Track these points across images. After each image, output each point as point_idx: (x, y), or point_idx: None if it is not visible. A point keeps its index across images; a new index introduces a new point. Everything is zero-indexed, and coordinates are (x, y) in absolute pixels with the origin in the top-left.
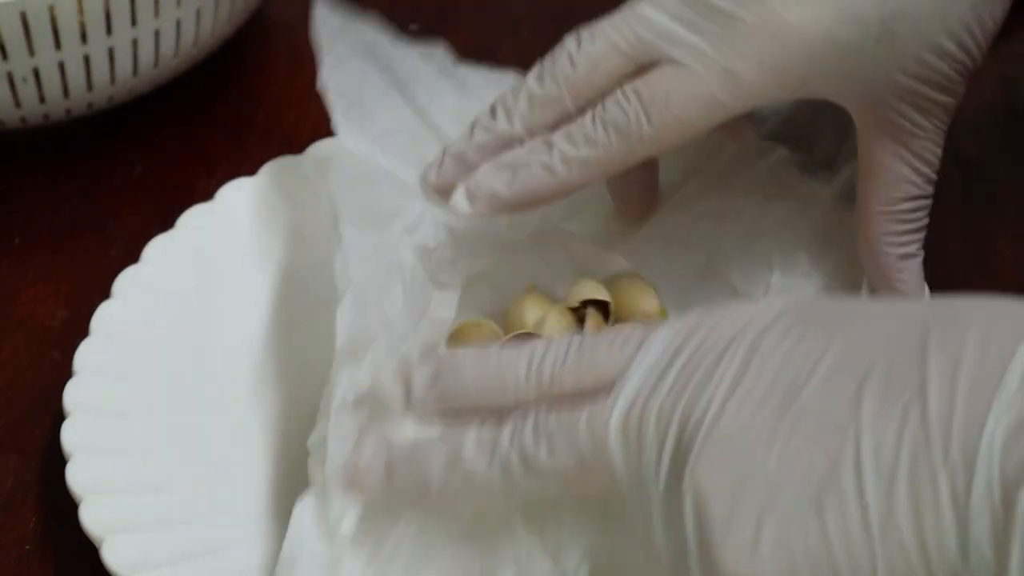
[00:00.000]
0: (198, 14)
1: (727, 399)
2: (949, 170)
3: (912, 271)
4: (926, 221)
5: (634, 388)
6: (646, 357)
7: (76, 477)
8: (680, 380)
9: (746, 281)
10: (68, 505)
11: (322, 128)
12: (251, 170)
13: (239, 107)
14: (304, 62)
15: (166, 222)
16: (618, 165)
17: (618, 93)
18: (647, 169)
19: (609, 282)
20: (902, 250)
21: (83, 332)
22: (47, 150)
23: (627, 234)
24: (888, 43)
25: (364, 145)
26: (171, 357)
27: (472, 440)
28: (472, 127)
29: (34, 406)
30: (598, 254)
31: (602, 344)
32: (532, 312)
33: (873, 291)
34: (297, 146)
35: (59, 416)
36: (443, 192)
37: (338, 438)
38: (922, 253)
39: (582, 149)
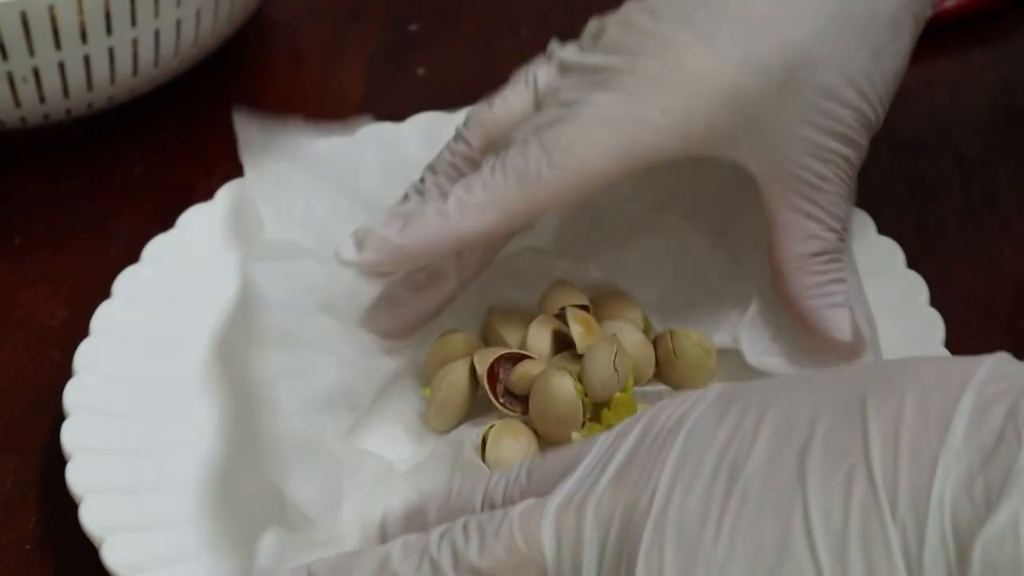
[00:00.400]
0: (198, 14)
1: (672, 487)
2: (949, 170)
3: (843, 322)
4: (843, 274)
5: (572, 486)
6: (585, 459)
7: (76, 477)
8: (620, 474)
9: (729, 282)
10: (68, 505)
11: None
12: None
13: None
14: (304, 62)
15: (166, 222)
16: (519, 214)
17: (520, 138)
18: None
19: (588, 295)
20: (827, 300)
21: (83, 332)
22: (47, 150)
23: (600, 250)
24: (791, 91)
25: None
26: (171, 357)
27: (400, 543)
28: (404, 199)
29: (34, 406)
30: (571, 266)
31: (549, 460)
32: (512, 328)
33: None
34: None
35: (59, 416)
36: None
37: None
38: (847, 306)
39: (478, 195)
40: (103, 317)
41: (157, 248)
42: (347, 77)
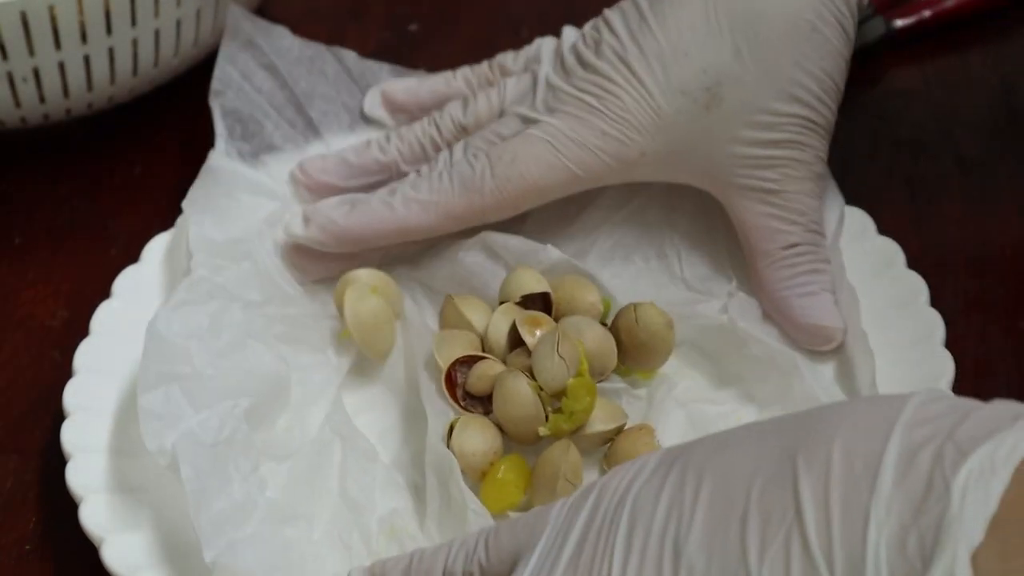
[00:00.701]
0: (198, 14)
1: (624, 568)
2: (949, 170)
3: (818, 308)
4: (819, 265)
5: (532, 571)
6: (540, 541)
7: (76, 477)
8: (574, 560)
9: (701, 281)
10: (68, 505)
11: None
12: None
13: None
14: None
15: (166, 222)
16: (458, 217)
17: (471, 148)
18: None
19: (547, 277)
20: (799, 290)
21: (83, 332)
22: (47, 150)
23: (570, 238)
24: (718, 110)
25: (241, 165)
26: None
27: None
28: (368, 143)
29: (34, 406)
30: (531, 248)
31: (505, 537)
32: (475, 312)
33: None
34: None
35: (59, 416)
36: (313, 190)
37: None
38: (826, 292)
39: (423, 194)
40: (103, 317)
41: (157, 248)
42: None
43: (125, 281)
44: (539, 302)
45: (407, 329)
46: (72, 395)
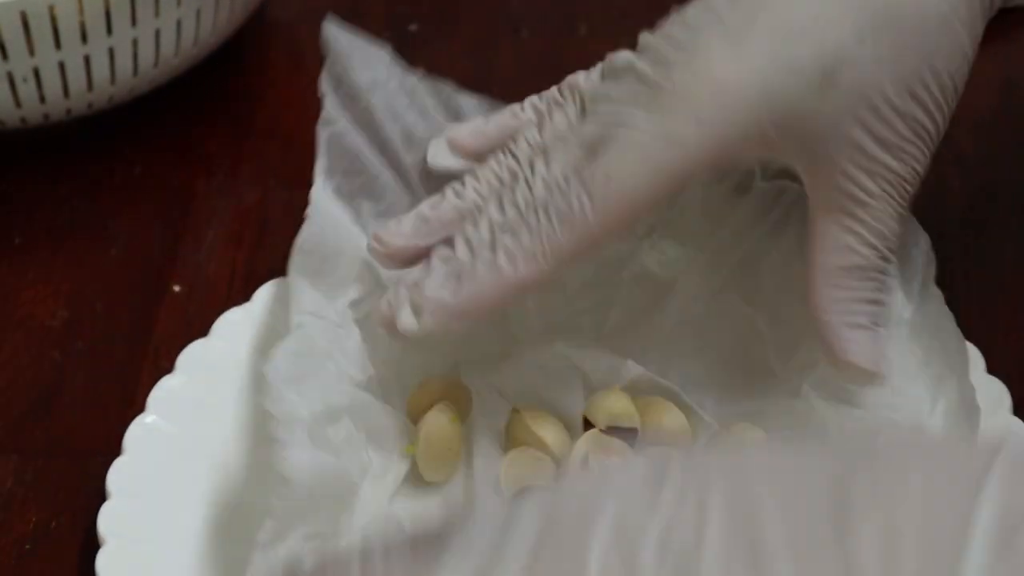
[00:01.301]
0: (198, 14)
1: None
2: (949, 170)
3: (862, 344)
4: (879, 296)
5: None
6: (467, 531)
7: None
8: (528, 567)
9: (785, 360)
10: (68, 505)
11: None
12: (251, 170)
13: (239, 107)
14: (304, 62)
15: (166, 222)
16: (569, 255)
17: (554, 174)
18: None
19: (631, 394)
20: (849, 319)
21: (83, 332)
22: (47, 150)
23: (634, 326)
24: (832, 95)
25: (337, 206)
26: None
27: None
28: (442, 193)
29: (34, 406)
30: (611, 364)
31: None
32: (546, 429)
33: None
34: (297, 146)
35: (59, 416)
36: (395, 258)
37: None
38: (879, 328)
39: (527, 242)
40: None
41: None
42: None
43: (189, 356)
44: (626, 432)
45: (473, 442)
46: (107, 520)
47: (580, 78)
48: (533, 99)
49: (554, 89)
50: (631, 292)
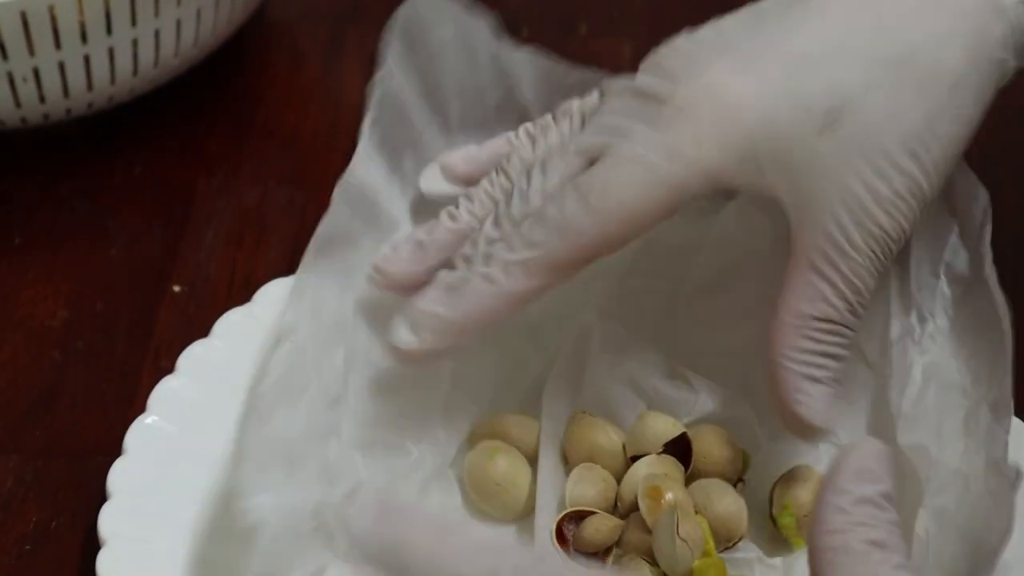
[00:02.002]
0: (198, 14)
1: None
2: None
3: (817, 399)
4: (843, 352)
5: None
6: None
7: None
8: None
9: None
10: (68, 505)
11: (321, 129)
12: (251, 170)
13: (239, 107)
14: (304, 62)
15: (166, 222)
16: (565, 266)
17: (551, 184)
18: None
19: (687, 422)
20: (808, 371)
21: (83, 332)
22: (47, 150)
23: (687, 340)
24: (832, 138)
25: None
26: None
27: None
28: (438, 218)
29: (34, 406)
30: (675, 393)
31: None
32: (604, 444)
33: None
34: (297, 146)
35: (59, 416)
36: (396, 286)
37: None
38: (837, 387)
39: (522, 252)
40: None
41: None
42: (347, 77)
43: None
44: (680, 446)
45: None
46: (108, 520)
47: (575, 104)
48: (527, 125)
49: (548, 115)
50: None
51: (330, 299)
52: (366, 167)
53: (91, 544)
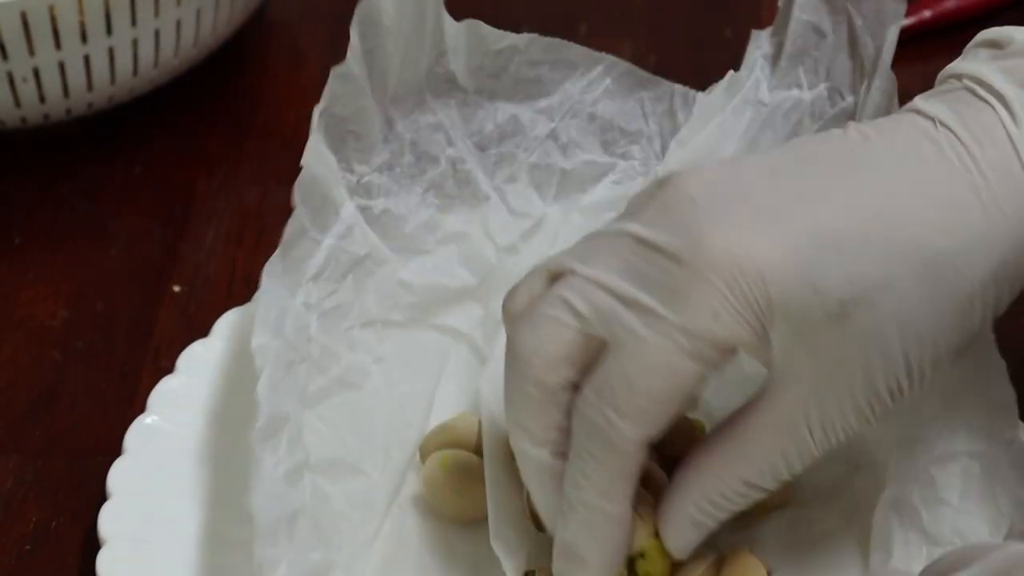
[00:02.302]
0: (198, 14)
1: None
2: None
3: (691, 539)
4: (738, 511)
5: None
6: None
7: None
8: None
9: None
10: (68, 505)
11: None
12: (251, 170)
13: (239, 107)
14: (304, 62)
15: (166, 222)
16: (625, 474)
17: (579, 400)
18: None
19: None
20: (702, 518)
21: (83, 332)
22: (47, 150)
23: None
24: (842, 328)
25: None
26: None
27: None
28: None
29: (34, 406)
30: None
31: None
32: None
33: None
34: (297, 146)
35: (59, 416)
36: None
37: None
38: (711, 526)
39: (587, 489)
40: (161, 392)
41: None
42: None
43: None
44: None
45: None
46: (108, 520)
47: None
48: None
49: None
50: None
51: (290, 308)
52: (316, 158)
53: (91, 544)
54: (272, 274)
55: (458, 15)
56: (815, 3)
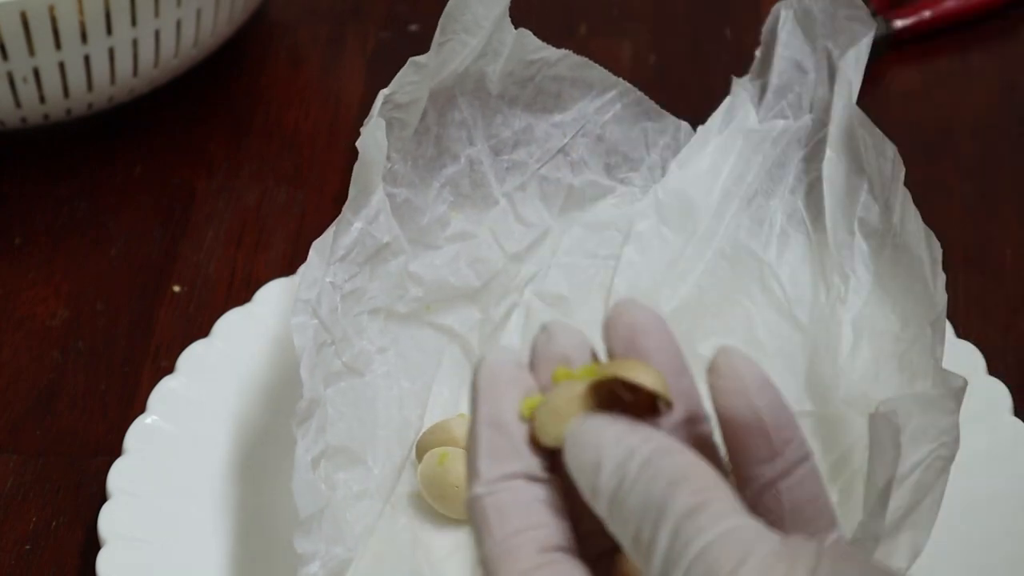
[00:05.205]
0: (198, 14)
1: None
2: (949, 171)
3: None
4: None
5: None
6: None
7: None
8: None
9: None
10: (68, 505)
11: (321, 128)
12: (251, 170)
13: (239, 107)
14: (304, 62)
15: (166, 222)
16: None
17: None
18: None
19: None
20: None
21: (83, 332)
22: (47, 150)
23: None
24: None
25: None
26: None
27: None
28: None
29: (34, 406)
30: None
31: None
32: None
33: None
34: (297, 146)
35: (59, 416)
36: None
37: None
38: None
39: None
40: (163, 392)
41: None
42: (347, 77)
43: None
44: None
45: None
46: (108, 520)
47: None
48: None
49: None
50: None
51: (324, 287)
52: (373, 141)
53: (91, 544)
54: (319, 249)
55: None
56: (798, 42)
